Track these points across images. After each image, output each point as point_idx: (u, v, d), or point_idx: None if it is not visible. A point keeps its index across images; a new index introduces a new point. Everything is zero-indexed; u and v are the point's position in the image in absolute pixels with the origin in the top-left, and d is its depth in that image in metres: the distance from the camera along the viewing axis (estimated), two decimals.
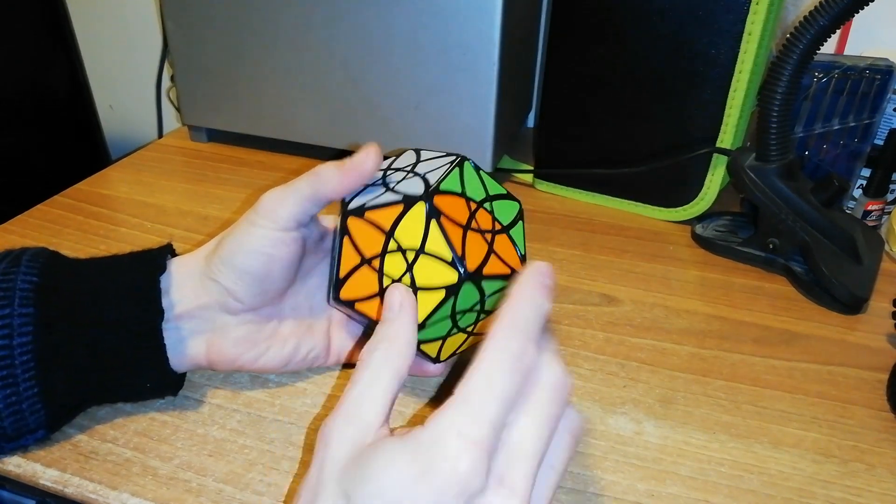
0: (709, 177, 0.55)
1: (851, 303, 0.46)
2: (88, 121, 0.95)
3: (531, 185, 0.63)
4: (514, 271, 0.32)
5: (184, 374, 0.36)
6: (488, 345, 0.23)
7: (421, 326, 0.31)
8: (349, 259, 0.32)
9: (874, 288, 0.48)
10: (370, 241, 0.31)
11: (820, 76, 0.54)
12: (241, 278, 0.33)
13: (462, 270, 0.29)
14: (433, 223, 0.29)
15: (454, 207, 0.31)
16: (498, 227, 0.33)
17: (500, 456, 0.22)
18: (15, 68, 0.83)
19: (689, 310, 0.46)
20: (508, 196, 0.35)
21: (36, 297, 0.31)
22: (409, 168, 0.34)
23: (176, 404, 0.37)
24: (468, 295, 0.31)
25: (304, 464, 0.33)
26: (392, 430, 0.24)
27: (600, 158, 0.58)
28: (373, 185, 0.33)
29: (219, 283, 0.33)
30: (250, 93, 0.63)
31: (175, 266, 0.34)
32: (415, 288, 0.30)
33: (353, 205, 0.32)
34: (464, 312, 0.32)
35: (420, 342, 0.33)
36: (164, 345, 0.33)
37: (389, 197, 0.31)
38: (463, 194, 0.32)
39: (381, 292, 0.31)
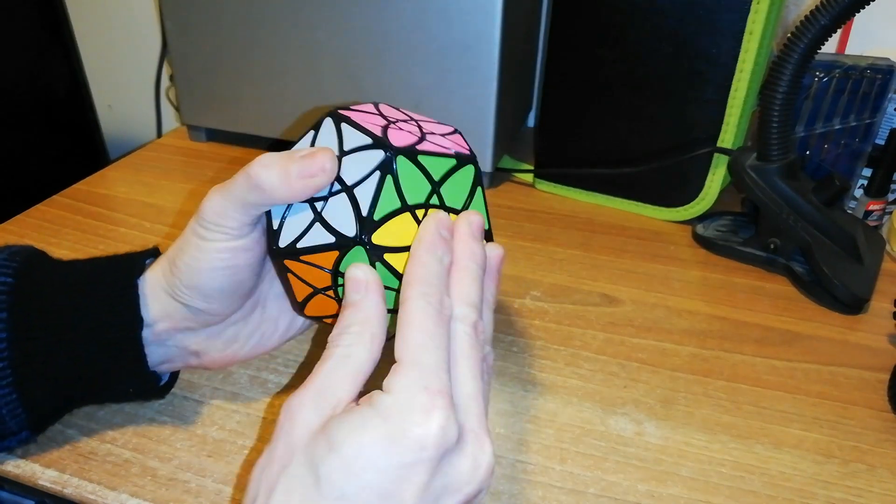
0: (710, 177, 0.55)
1: (852, 303, 0.46)
2: (87, 121, 0.95)
3: (531, 185, 0.63)
4: None
5: (171, 381, 0.35)
6: (411, 305, 0.24)
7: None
8: (301, 289, 0.30)
9: (875, 288, 0.48)
10: (317, 277, 0.29)
11: (821, 76, 0.54)
12: (210, 297, 0.30)
13: None
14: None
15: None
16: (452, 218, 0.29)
17: (458, 409, 0.23)
18: (14, 68, 0.83)
19: (689, 310, 0.46)
20: (459, 164, 0.29)
21: (9, 300, 0.30)
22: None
23: (175, 405, 0.36)
24: None
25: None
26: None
27: (600, 158, 0.58)
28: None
29: (189, 307, 0.31)
30: (250, 92, 0.63)
31: (147, 280, 0.32)
32: None
33: (283, 241, 0.29)
34: None
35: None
36: (144, 354, 0.31)
37: (320, 235, 0.27)
38: (403, 207, 0.27)
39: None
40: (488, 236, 0.30)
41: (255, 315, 0.33)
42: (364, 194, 0.27)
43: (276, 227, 0.29)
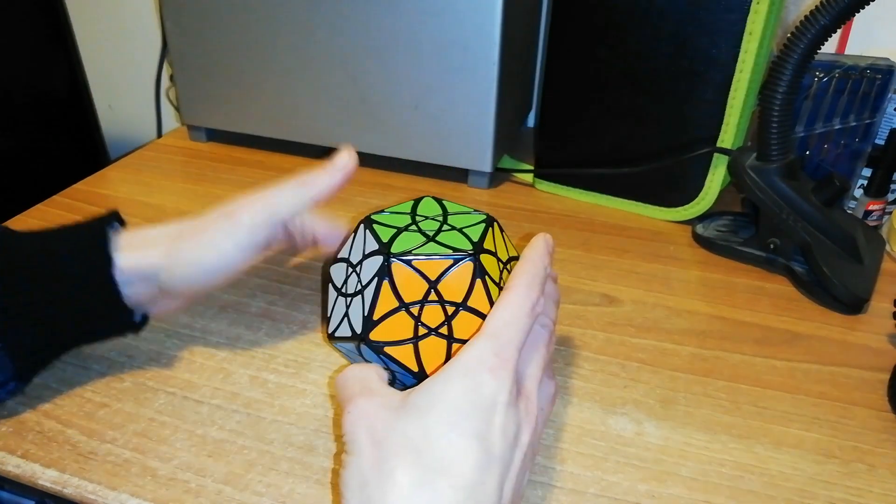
0: (709, 177, 0.55)
1: (852, 303, 0.46)
2: (87, 121, 0.95)
3: (531, 185, 0.63)
4: None
5: (145, 318, 0.39)
6: (513, 291, 0.28)
7: None
8: (386, 302, 0.31)
9: (875, 288, 0.48)
10: (412, 288, 0.31)
11: (821, 76, 0.54)
12: (205, 289, 0.38)
13: None
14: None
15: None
16: None
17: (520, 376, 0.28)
18: (14, 68, 0.83)
19: (689, 310, 0.46)
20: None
21: None
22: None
23: (175, 405, 0.36)
24: None
25: (304, 464, 0.33)
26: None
27: (600, 158, 0.58)
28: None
29: (182, 296, 0.38)
30: (250, 92, 0.63)
31: (126, 257, 0.35)
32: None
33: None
34: None
35: None
36: (118, 285, 0.34)
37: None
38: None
39: (415, 339, 0.31)
40: None
41: None
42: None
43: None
